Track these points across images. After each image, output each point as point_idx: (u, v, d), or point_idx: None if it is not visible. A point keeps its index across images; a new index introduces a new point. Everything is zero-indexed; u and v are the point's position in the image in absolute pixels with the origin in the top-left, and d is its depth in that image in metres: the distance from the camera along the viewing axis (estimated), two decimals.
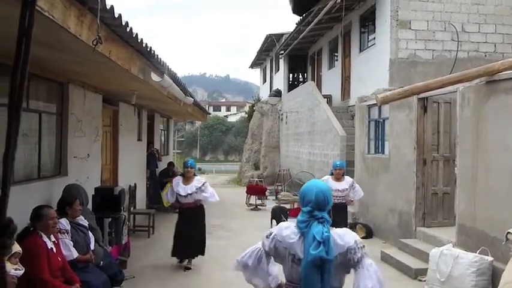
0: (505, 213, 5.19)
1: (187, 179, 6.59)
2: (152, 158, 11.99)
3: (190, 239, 6.58)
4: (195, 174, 6.73)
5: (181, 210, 6.73)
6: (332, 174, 7.17)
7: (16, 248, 3.38)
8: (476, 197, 5.80)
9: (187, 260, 6.77)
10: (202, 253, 6.80)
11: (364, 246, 2.30)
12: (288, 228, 2.34)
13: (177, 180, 6.68)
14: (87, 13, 2.93)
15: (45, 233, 4.08)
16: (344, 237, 2.27)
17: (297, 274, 2.26)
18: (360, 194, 7.25)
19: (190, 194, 6.49)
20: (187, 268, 6.68)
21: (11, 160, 0.57)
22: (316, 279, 2.16)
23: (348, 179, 7.16)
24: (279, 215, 9.75)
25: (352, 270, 2.30)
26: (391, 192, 8.25)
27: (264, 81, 28.20)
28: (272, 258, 2.43)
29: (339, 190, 6.92)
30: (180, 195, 6.51)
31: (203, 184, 6.58)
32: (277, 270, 2.49)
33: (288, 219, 10.39)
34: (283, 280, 2.46)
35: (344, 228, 2.41)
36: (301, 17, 15.38)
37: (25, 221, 4.10)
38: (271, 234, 2.39)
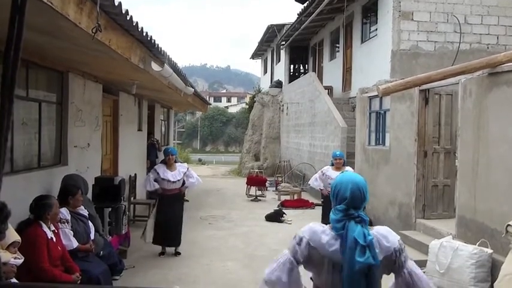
0: (505, 205, 5.19)
1: (170, 165, 6.82)
2: (152, 149, 11.98)
3: (174, 225, 6.76)
4: (176, 161, 6.98)
5: (164, 197, 6.79)
6: (332, 164, 7.18)
7: (15, 237, 3.38)
8: (477, 189, 5.79)
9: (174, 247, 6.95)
10: (179, 244, 6.94)
11: (405, 246, 2.09)
12: (325, 233, 2.02)
13: (162, 167, 6.85)
14: (86, 0, 2.90)
15: (49, 222, 4.09)
16: (388, 237, 2.04)
17: (338, 282, 1.99)
18: None
19: (179, 180, 6.76)
20: (177, 253, 6.88)
21: (4, 141, 0.55)
22: None
23: (348, 169, 7.16)
24: (274, 218, 9.78)
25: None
26: (391, 184, 8.25)
27: (265, 72, 28.11)
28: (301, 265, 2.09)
29: None
30: (169, 180, 6.69)
31: (187, 169, 6.91)
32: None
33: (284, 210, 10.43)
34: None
35: (384, 227, 2.14)
36: (303, 8, 15.29)
37: (25, 210, 4.10)
38: (301, 239, 2.03)
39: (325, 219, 6.80)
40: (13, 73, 0.54)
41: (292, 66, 21.95)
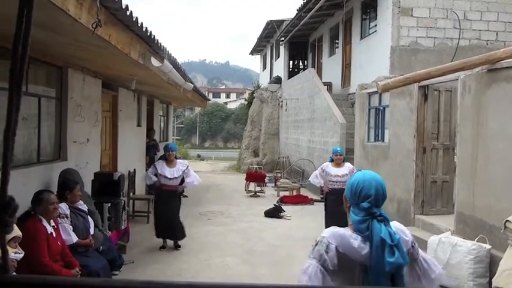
0: (503, 201, 5.20)
1: (170, 162, 6.83)
2: (152, 146, 11.96)
3: (171, 220, 6.80)
4: (176, 157, 6.96)
5: (161, 192, 6.84)
6: (332, 160, 7.20)
7: (16, 232, 3.38)
8: (475, 185, 5.80)
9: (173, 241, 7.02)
10: (181, 238, 6.99)
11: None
12: (353, 237, 1.95)
13: (161, 163, 6.89)
14: None
15: (45, 218, 4.10)
16: (405, 231, 2.07)
17: (369, 285, 1.96)
18: None
19: (176, 178, 6.75)
20: (177, 246, 6.95)
21: (12, 136, 0.56)
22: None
23: (348, 165, 7.19)
24: (272, 214, 9.81)
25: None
26: (390, 180, 8.25)
27: (264, 68, 28.07)
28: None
29: (338, 176, 7.01)
30: (166, 177, 6.71)
31: (187, 167, 6.87)
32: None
33: (282, 205, 10.44)
34: None
35: (395, 222, 2.11)
36: (302, 3, 15.24)
37: (25, 205, 4.10)
38: (328, 246, 1.93)
39: (329, 218, 6.78)
40: (21, 67, 0.54)
41: (291, 62, 21.93)
